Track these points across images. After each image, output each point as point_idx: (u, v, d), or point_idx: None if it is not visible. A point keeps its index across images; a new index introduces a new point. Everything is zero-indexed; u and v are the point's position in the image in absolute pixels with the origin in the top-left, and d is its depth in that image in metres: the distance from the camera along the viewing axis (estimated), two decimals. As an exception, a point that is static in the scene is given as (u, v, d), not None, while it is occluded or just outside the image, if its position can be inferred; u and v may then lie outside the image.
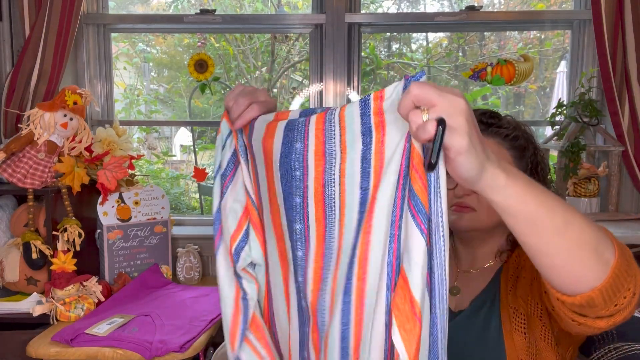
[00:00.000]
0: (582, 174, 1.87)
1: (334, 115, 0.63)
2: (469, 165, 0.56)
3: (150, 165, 3.53)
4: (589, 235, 0.63)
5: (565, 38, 2.94)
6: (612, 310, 0.66)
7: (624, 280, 0.64)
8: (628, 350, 0.98)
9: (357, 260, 0.62)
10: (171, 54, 4.00)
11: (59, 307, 1.47)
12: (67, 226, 1.56)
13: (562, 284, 0.66)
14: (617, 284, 0.64)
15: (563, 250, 0.62)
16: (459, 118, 0.54)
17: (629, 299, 0.66)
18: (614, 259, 0.64)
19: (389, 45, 3.39)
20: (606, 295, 0.64)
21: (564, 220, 0.62)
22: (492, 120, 1.01)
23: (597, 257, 0.63)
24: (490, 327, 0.92)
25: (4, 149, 1.54)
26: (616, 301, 0.65)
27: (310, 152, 0.64)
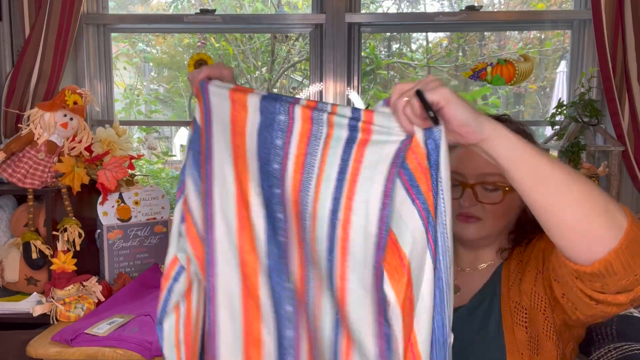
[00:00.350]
0: (582, 174, 1.87)
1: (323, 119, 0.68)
2: (461, 107, 0.61)
3: (150, 165, 3.53)
4: (596, 192, 0.63)
5: (565, 38, 2.94)
6: (632, 280, 0.64)
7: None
8: (628, 350, 0.98)
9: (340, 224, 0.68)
10: (171, 54, 4.00)
11: (59, 307, 1.47)
12: (67, 226, 1.56)
13: (576, 249, 0.65)
14: (634, 248, 0.62)
15: (571, 204, 0.62)
16: (431, 83, 0.62)
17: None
18: (627, 223, 0.63)
19: (389, 45, 3.39)
20: (624, 260, 0.62)
21: (568, 174, 0.63)
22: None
23: (608, 216, 0.62)
24: (490, 321, 0.93)
25: (4, 149, 1.54)
26: (636, 270, 0.63)
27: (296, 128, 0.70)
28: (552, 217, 0.64)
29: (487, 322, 0.93)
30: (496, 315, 0.93)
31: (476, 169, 0.98)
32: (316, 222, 0.69)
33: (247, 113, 0.72)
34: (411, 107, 0.62)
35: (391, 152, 0.65)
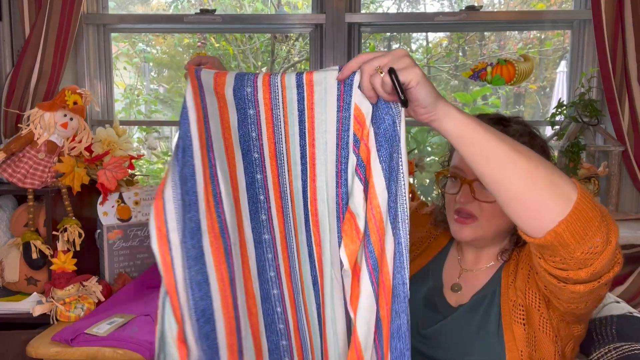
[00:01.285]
0: (582, 174, 1.87)
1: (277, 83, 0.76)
2: (426, 90, 0.66)
3: (150, 165, 3.53)
4: (542, 166, 0.67)
5: (565, 38, 2.94)
6: (588, 253, 0.68)
7: (591, 219, 0.66)
8: (628, 350, 0.98)
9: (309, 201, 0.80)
10: (171, 54, 4.00)
11: (59, 307, 1.47)
12: (67, 226, 1.56)
13: (527, 221, 0.69)
14: (583, 220, 0.66)
15: (517, 178, 0.67)
16: (404, 60, 0.66)
17: (603, 243, 0.68)
18: (577, 195, 0.66)
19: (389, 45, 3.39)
20: (574, 231, 0.66)
21: (513, 149, 0.67)
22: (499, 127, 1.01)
23: (554, 188, 0.67)
24: (490, 319, 0.93)
25: (4, 149, 1.54)
26: (589, 241, 0.67)
27: (262, 117, 0.79)
28: (501, 191, 0.68)
29: (487, 320, 0.94)
30: (496, 313, 0.93)
31: None
32: (294, 201, 0.81)
33: (228, 109, 0.79)
34: (383, 84, 0.66)
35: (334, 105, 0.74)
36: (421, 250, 1.14)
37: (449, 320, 0.97)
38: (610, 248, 0.69)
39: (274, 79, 0.75)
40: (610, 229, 0.69)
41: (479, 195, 0.96)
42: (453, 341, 0.95)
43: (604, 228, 0.68)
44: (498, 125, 1.00)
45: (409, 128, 3.06)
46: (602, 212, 0.69)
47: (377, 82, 0.67)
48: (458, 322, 0.96)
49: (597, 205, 0.69)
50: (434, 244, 1.14)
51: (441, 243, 1.13)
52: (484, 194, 0.96)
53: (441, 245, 1.13)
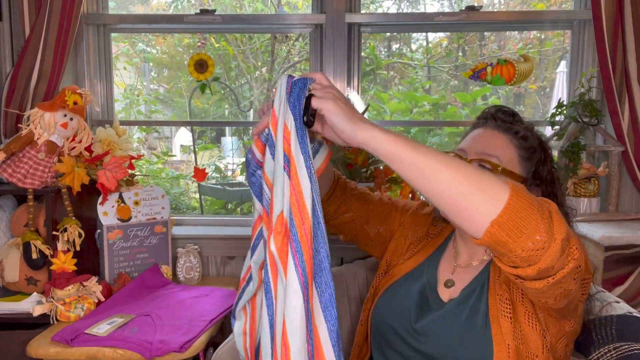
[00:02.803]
0: (582, 174, 1.87)
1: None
2: (339, 119, 0.73)
3: (150, 165, 3.53)
4: (467, 174, 0.72)
5: (565, 38, 2.94)
6: (531, 250, 0.70)
7: (527, 217, 0.69)
8: (628, 350, 0.98)
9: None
10: (171, 54, 4.00)
11: (59, 307, 1.47)
12: (67, 226, 1.56)
13: (465, 225, 0.73)
14: (517, 219, 0.69)
15: (445, 187, 0.72)
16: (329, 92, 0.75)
17: (546, 240, 0.70)
18: (508, 195, 0.70)
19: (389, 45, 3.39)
20: (509, 230, 0.69)
21: (438, 161, 0.72)
22: (505, 116, 1.07)
23: (482, 192, 0.71)
24: (478, 312, 0.95)
25: (4, 149, 1.54)
26: (528, 239, 0.69)
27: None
28: (436, 200, 0.73)
29: (475, 313, 0.95)
30: (484, 307, 0.95)
31: (477, 147, 1.02)
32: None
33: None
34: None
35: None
36: (419, 248, 1.15)
37: (439, 315, 0.99)
38: (555, 245, 0.70)
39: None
40: (554, 226, 0.71)
41: None
42: (443, 335, 0.96)
43: (545, 225, 0.70)
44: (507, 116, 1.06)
45: (408, 128, 3.06)
46: (542, 209, 0.71)
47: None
48: (447, 316, 0.98)
49: (536, 204, 0.71)
50: (432, 242, 1.15)
51: (438, 241, 1.15)
52: None
53: (438, 243, 1.15)
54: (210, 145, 3.83)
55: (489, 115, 1.09)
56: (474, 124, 1.11)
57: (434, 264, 1.10)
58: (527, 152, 1.03)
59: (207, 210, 3.47)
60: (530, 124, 1.08)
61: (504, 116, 1.07)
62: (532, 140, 1.04)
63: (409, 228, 1.19)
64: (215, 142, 3.95)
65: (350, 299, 1.44)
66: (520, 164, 1.02)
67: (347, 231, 1.25)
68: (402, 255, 1.17)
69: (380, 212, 1.22)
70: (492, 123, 1.07)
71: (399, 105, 3.12)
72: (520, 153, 1.02)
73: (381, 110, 3.08)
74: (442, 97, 3.35)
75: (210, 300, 1.62)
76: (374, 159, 1.83)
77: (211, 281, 1.87)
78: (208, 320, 1.46)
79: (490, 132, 1.05)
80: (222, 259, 1.97)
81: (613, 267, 1.74)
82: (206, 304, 1.58)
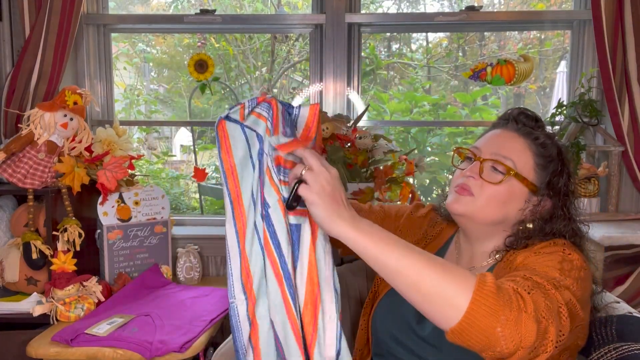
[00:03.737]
0: (582, 174, 1.87)
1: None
2: (318, 214, 0.76)
3: (150, 165, 3.53)
4: (429, 278, 0.72)
5: (565, 38, 2.94)
6: (494, 355, 0.71)
7: (488, 329, 0.69)
8: (628, 350, 0.98)
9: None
10: (171, 54, 4.00)
11: (59, 307, 1.47)
12: (67, 226, 1.56)
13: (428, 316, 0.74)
14: (478, 331, 0.69)
15: (406, 289, 0.74)
16: (318, 183, 0.76)
17: (509, 350, 0.70)
18: (467, 307, 0.69)
19: (389, 45, 3.39)
20: (470, 339, 0.69)
21: (399, 266, 0.73)
22: (528, 120, 1.04)
23: (442, 300, 0.71)
24: None
25: (4, 149, 1.54)
26: (489, 349, 0.70)
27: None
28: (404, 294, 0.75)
29: None
30: None
31: (493, 147, 1.00)
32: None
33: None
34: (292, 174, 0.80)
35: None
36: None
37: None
38: (521, 352, 0.70)
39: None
40: (521, 332, 0.70)
41: (484, 175, 0.97)
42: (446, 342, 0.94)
43: (508, 335, 0.69)
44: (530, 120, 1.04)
45: (408, 128, 3.06)
46: (508, 316, 0.70)
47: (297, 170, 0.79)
48: None
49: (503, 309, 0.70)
50: (431, 244, 1.14)
51: (438, 243, 1.13)
52: (489, 175, 0.97)
53: (438, 245, 1.13)
54: (210, 145, 3.82)
55: (511, 117, 1.05)
56: (494, 124, 1.09)
57: None
58: (544, 160, 0.99)
59: (207, 210, 3.47)
60: (552, 133, 1.05)
61: (526, 120, 1.04)
62: (551, 148, 1.00)
63: (406, 232, 1.18)
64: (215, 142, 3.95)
65: (350, 299, 1.44)
66: (536, 171, 0.99)
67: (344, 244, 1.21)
68: None
69: (382, 219, 1.20)
70: (512, 125, 1.04)
71: (399, 105, 3.12)
72: (537, 160, 0.99)
73: (381, 110, 3.08)
74: (442, 97, 3.35)
75: (210, 300, 1.62)
76: (374, 159, 1.83)
77: (211, 281, 1.87)
78: (208, 320, 1.46)
79: (509, 133, 1.02)
80: (222, 259, 1.97)
81: (613, 267, 1.74)
82: (206, 304, 1.58)
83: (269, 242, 0.82)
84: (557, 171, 0.99)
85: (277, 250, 0.82)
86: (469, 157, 1.03)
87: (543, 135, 1.01)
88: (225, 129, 0.86)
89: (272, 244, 0.82)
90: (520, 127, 1.02)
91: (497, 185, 0.96)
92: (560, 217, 0.99)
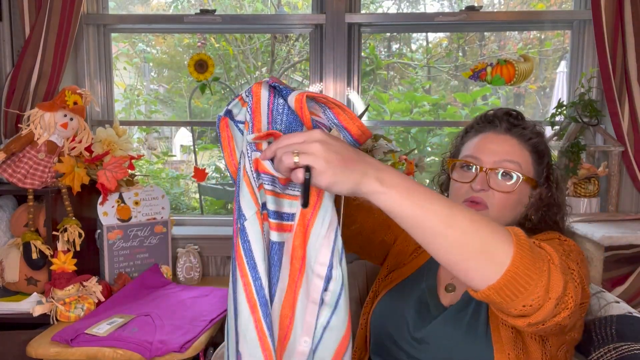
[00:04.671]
0: (582, 174, 1.87)
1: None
2: (345, 187, 0.66)
3: (150, 166, 3.53)
4: (473, 236, 0.67)
5: (565, 38, 2.94)
6: (522, 311, 0.69)
7: (526, 282, 0.67)
8: (627, 350, 0.98)
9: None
10: (171, 54, 4.00)
11: (59, 307, 1.47)
12: (67, 226, 1.56)
13: (462, 278, 0.70)
14: (515, 284, 0.66)
15: (449, 250, 0.67)
16: (319, 160, 0.64)
17: (540, 300, 0.68)
18: (510, 262, 0.66)
19: (389, 45, 3.39)
20: (505, 295, 0.67)
21: (443, 223, 0.67)
22: (517, 121, 1.04)
23: (485, 258, 0.67)
24: (479, 320, 0.93)
25: (4, 149, 1.54)
26: (523, 302, 0.68)
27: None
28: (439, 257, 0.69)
29: (476, 320, 0.93)
30: (484, 314, 0.93)
31: (494, 155, 0.99)
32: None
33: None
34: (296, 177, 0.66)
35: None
36: (420, 252, 1.13)
37: (439, 321, 0.97)
38: (549, 304, 0.69)
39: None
40: (550, 284, 0.69)
41: (494, 185, 0.97)
42: (443, 342, 0.94)
43: (541, 287, 0.68)
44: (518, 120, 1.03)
45: (408, 128, 3.06)
46: (542, 268, 0.68)
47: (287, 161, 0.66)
48: (448, 322, 0.96)
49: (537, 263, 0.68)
50: None
51: None
52: (499, 184, 0.97)
53: None
54: (210, 145, 3.83)
55: (497, 119, 1.04)
56: (477, 127, 1.06)
57: (434, 266, 1.08)
58: (538, 156, 1.01)
59: (207, 210, 3.47)
60: (535, 125, 1.05)
61: (515, 120, 1.03)
62: (541, 142, 1.02)
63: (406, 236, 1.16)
64: (215, 142, 3.95)
65: (351, 299, 1.44)
66: (534, 167, 1.00)
67: (353, 244, 1.19)
68: (404, 259, 1.14)
69: (384, 219, 1.18)
70: (503, 126, 1.02)
71: (399, 105, 3.12)
72: (533, 157, 1.00)
73: (381, 110, 3.08)
74: (442, 97, 3.35)
75: (210, 300, 1.62)
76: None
77: (211, 281, 1.87)
78: (208, 320, 1.46)
79: (502, 136, 1.01)
80: (222, 259, 1.97)
81: (613, 267, 1.74)
82: (206, 304, 1.58)
83: (242, 261, 0.70)
84: (549, 162, 1.03)
85: (252, 272, 0.70)
86: (467, 166, 1.01)
87: (533, 132, 1.02)
88: (227, 129, 0.75)
89: (246, 263, 0.70)
90: (510, 128, 1.02)
91: (509, 192, 0.96)
92: (556, 204, 1.02)
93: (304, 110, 0.71)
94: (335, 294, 0.75)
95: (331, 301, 0.75)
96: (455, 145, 1.12)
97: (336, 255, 0.74)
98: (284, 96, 0.73)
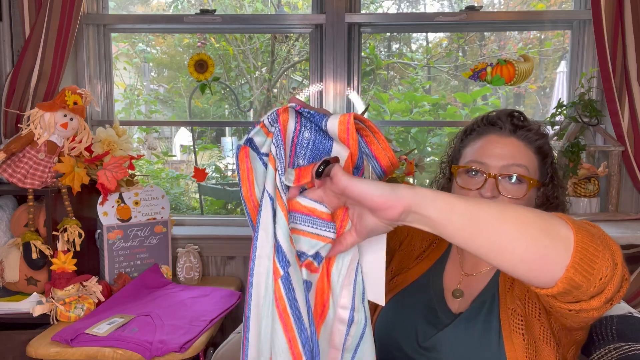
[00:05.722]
0: (582, 174, 1.87)
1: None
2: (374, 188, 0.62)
3: (150, 166, 3.54)
4: (531, 220, 0.63)
5: (565, 38, 2.94)
6: (600, 285, 0.65)
7: (595, 251, 0.63)
8: (628, 350, 0.98)
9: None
10: (171, 54, 4.00)
11: (59, 307, 1.47)
12: (67, 226, 1.56)
13: (533, 277, 0.65)
14: (588, 256, 0.63)
15: (513, 237, 0.62)
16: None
17: (611, 270, 0.65)
18: (573, 234, 0.63)
19: (389, 45, 3.40)
20: (583, 271, 0.63)
21: (497, 208, 0.63)
22: (521, 122, 1.01)
23: (551, 237, 0.62)
24: (491, 329, 0.91)
25: (4, 149, 1.54)
26: (599, 274, 0.64)
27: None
28: (503, 257, 0.63)
29: (487, 329, 0.91)
30: (496, 322, 0.91)
31: (500, 160, 0.96)
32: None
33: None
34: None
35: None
36: (424, 256, 1.11)
37: (449, 330, 0.94)
38: (618, 271, 0.66)
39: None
40: (613, 252, 0.66)
41: (504, 191, 0.95)
42: (454, 351, 0.92)
43: (608, 254, 0.65)
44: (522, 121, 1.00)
45: (408, 128, 3.06)
46: (602, 237, 0.66)
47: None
48: (458, 331, 0.93)
49: (594, 233, 0.65)
50: (436, 249, 1.11)
51: (442, 247, 1.10)
52: (509, 190, 0.95)
53: (442, 249, 1.10)
54: (210, 145, 3.83)
55: (500, 121, 1.01)
56: (480, 131, 1.03)
57: (439, 271, 1.06)
58: (542, 157, 1.00)
59: (207, 210, 3.47)
60: (538, 125, 1.02)
61: (519, 121, 1.00)
62: (545, 143, 1.00)
63: (416, 237, 1.14)
64: (215, 142, 3.95)
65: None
66: (540, 169, 0.99)
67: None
68: (408, 264, 1.12)
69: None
70: (507, 129, 0.99)
71: (399, 105, 3.12)
72: (538, 158, 0.99)
73: (381, 110, 3.08)
74: (442, 97, 3.35)
75: (210, 301, 1.62)
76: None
77: (211, 281, 1.87)
78: (208, 321, 1.46)
79: (506, 139, 0.98)
80: (222, 259, 1.97)
81: (613, 267, 1.74)
82: (206, 304, 1.58)
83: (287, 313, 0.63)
84: (552, 162, 1.01)
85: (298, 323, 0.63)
86: (473, 171, 0.98)
87: (538, 134, 1.00)
88: (247, 160, 0.67)
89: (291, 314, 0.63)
90: (514, 130, 0.99)
91: (520, 198, 0.94)
92: (560, 203, 1.02)
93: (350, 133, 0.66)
94: (356, 338, 0.71)
95: (351, 346, 0.71)
96: (454, 148, 1.09)
97: (357, 296, 0.70)
98: (316, 122, 0.68)
